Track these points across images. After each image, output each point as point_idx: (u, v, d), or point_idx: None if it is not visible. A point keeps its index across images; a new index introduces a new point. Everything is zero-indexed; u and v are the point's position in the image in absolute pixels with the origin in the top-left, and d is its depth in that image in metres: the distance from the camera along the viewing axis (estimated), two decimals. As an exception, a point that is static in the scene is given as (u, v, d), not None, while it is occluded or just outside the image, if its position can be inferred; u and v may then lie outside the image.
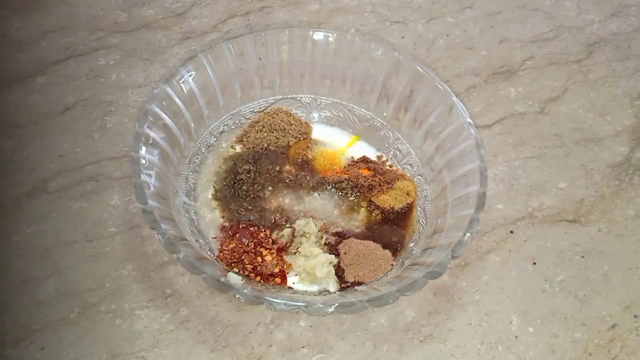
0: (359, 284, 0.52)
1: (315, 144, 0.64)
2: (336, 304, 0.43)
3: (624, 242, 0.59)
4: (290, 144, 0.63)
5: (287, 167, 0.61)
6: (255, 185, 0.59)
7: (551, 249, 0.58)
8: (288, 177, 0.60)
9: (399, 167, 0.62)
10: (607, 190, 0.63)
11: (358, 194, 0.59)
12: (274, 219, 0.57)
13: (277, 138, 0.62)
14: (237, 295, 0.44)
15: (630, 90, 0.73)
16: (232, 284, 0.45)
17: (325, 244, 0.55)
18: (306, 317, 0.52)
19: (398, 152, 0.63)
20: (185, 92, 0.57)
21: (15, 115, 0.65)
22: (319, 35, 0.62)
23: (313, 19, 0.79)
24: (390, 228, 0.57)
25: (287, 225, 0.56)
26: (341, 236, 0.56)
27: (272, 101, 0.65)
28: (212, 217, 0.57)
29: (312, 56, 0.63)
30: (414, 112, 0.60)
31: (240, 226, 0.55)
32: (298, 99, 0.66)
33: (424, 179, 0.59)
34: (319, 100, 0.66)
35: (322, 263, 0.53)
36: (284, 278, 0.53)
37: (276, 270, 0.53)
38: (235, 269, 0.52)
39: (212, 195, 0.58)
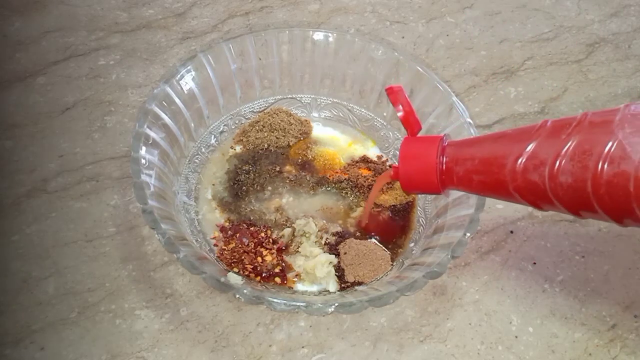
0: (359, 284, 0.52)
1: (315, 144, 0.64)
2: (336, 304, 0.43)
3: (624, 242, 0.59)
4: (290, 144, 0.63)
5: (287, 167, 0.61)
6: (255, 186, 0.59)
7: (551, 249, 0.58)
8: (288, 177, 0.60)
9: (399, 167, 0.62)
10: (607, 190, 0.63)
11: (358, 194, 0.59)
12: (274, 219, 0.57)
13: (277, 138, 0.62)
14: (237, 295, 0.44)
15: (630, 90, 0.73)
16: (232, 284, 0.45)
17: (325, 244, 0.55)
18: (306, 317, 0.52)
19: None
20: (185, 92, 0.57)
21: (15, 115, 0.65)
22: (319, 35, 0.62)
23: (313, 19, 0.79)
24: (391, 228, 0.57)
25: (287, 225, 0.56)
26: (341, 236, 0.56)
27: (272, 101, 0.65)
28: (212, 217, 0.57)
29: (312, 56, 0.63)
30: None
31: (240, 226, 0.56)
32: (298, 99, 0.66)
33: (424, 179, 0.59)
34: (319, 100, 0.66)
35: (322, 263, 0.52)
36: (284, 278, 0.53)
37: (276, 270, 0.53)
38: (235, 269, 0.52)
39: (212, 195, 0.58)
